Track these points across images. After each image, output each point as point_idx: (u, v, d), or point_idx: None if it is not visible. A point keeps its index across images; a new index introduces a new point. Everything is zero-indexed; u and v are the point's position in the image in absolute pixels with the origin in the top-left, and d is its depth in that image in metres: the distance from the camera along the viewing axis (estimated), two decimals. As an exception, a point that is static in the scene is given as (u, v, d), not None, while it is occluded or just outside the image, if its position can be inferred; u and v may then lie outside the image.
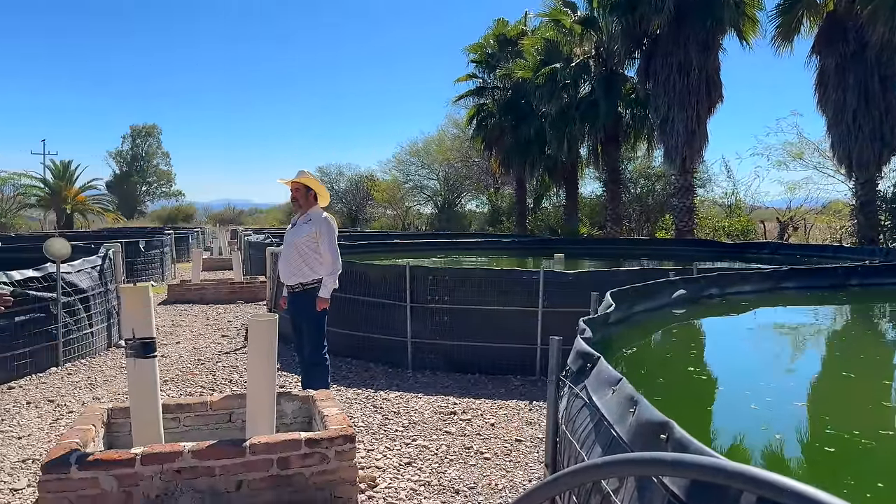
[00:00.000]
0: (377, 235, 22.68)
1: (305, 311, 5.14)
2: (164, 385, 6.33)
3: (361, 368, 6.95)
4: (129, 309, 3.71)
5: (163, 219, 56.67)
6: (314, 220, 5.15)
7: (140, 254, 15.71)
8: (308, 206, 5.23)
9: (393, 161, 43.63)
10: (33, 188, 43.33)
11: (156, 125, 71.83)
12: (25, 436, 4.82)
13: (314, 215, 5.19)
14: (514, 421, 5.24)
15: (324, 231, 5.10)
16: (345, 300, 7.31)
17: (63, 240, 7.07)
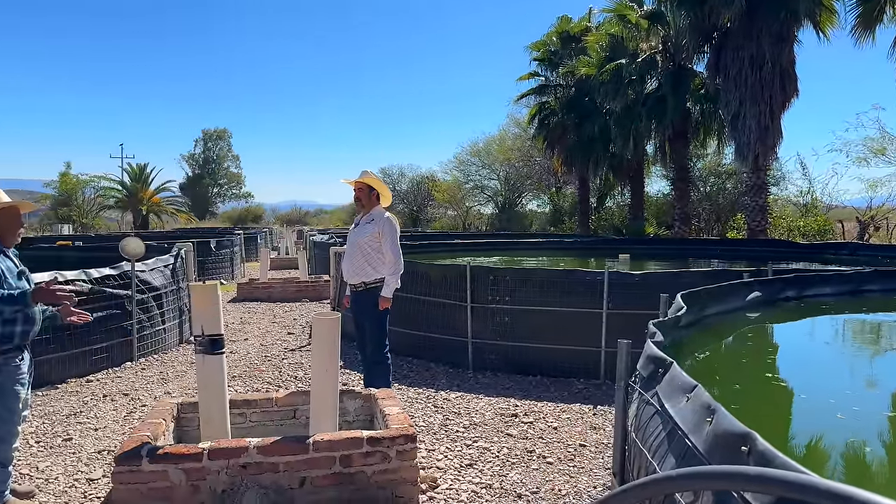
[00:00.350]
0: (438, 235, 22.75)
1: (368, 310, 5.17)
2: (233, 381, 6.50)
3: (422, 368, 6.95)
4: (198, 306, 3.80)
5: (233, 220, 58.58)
6: (377, 220, 5.17)
7: (211, 253, 16.23)
8: (371, 206, 5.25)
9: (454, 161, 43.75)
10: (111, 190, 45.53)
11: (226, 129, 74.26)
12: (101, 427, 5.02)
13: (377, 215, 5.21)
14: (577, 425, 5.12)
15: (386, 231, 5.12)
16: (406, 300, 7.33)
17: (137, 239, 7.36)
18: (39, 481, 3.97)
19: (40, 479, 3.99)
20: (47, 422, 5.12)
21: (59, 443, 4.64)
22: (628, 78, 20.30)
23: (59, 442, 4.66)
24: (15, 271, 3.60)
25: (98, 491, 3.82)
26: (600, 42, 21.96)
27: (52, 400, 5.75)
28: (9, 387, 3.48)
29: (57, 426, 5.02)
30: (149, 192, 46.82)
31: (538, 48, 26.38)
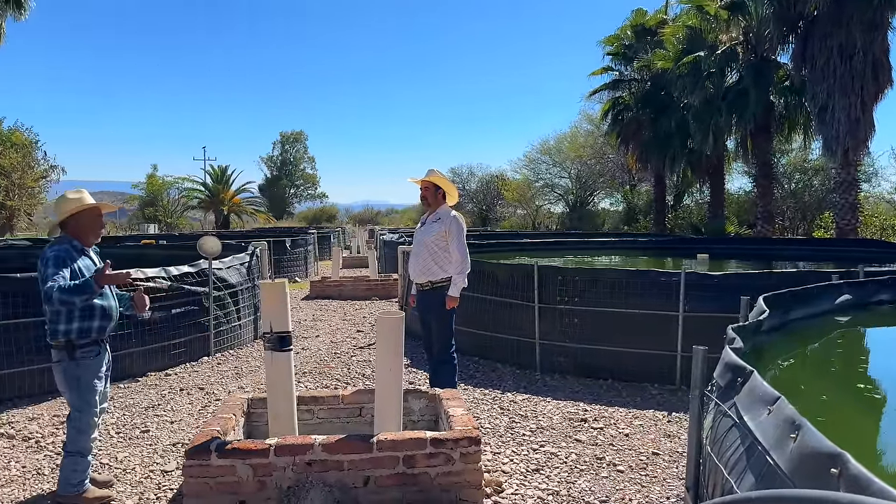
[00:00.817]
0: (507, 234, 22.58)
1: (434, 309, 5.14)
2: (303, 377, 6.61)
3: (489, 368, 6.87)
4: (267, 303, 3.86)
5: (308, 219, 60.14)
6: (443, 219, 5.13)
7: (286, 252, 16.66)
8: (437, 205, 5.22)
9: (524, 160, 43.36)
10: (194, 191, 47.54)
11: (302, 131, 76.28)
12: (177, 420, 5.19)
13: (443, 213, 5.17)
14: (650, 432, 4.92)
15: (452, 229, 5.07)
16: (472, 299, 7.26)
17: (214, 238, 7.60)
18: (117, 471, 4.13)
19: (118, 470, 4.15)
20: (127, 413, 5.34)
21: (137, 434, 4.83)
22: (707, 71, 19.53)
23: (138, 433, 4.84)
24: (93, 269, 3.73)
25: (171, 483, 3.94)
26: (677, 34, 21.23)
27: (133, 392, 6.00)
28: (87, 380, 3.63)
29: (136, 418, 5.22)
30: (230, 193, 48.61)
31: (611, 42, 25.78)
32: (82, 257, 3.71)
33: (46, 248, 3.64)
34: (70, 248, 3.65)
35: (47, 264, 3.51)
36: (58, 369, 3.62)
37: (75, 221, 3.72)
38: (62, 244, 3.65)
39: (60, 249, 3.60)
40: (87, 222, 3.77)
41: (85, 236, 3.76)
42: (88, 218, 3.77)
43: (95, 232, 3.83)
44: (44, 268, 3.51)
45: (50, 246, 3.65)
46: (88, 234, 3.79)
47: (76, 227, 3.73)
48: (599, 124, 29.49)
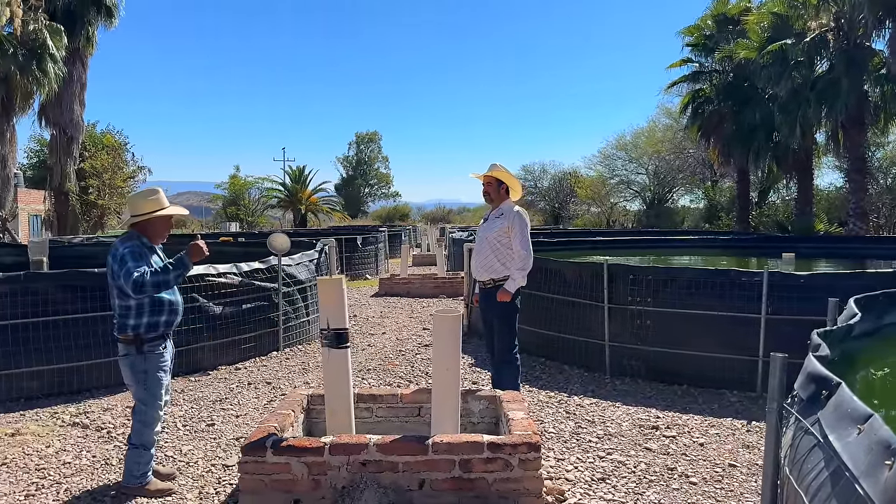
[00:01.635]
0: (578, 232, 22.11)
1: (496, 308, 4.99)
2: (367, 374, 6.60)
3: (555, 370, 6.65)
4: (325, 300, 3.81)
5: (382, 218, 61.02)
6: (506, 214, 4.97)
7: (357, 250, 16.87)
8: (500, 200, 5.06)
9: (598, 156, 42.48)
10: (273, 191, 49.06)
11: (377, 132, 77.62)
12: (242, 414, 5.25)
13: (506, 209, 5.01)
14: (727, 442, 4.60)
15: (515, 224, 4.90)
16: (538, 298, 7.07)
17: (284, 235, 7.71)
18: (181, 464, 4.19)
19: (182, 462, 4.22)
20: (195, 406, 5.45)
21: (203, 427, 4.91)
22: (794, 60, 18.48)
23: (203, 427, 4.93)
24: (161, 264, 3.80)
25: (232, 477, 3.96)
26: (762, 22, 20.19)
27: (203, 386, 6.14)
28: (154, 373, 3.69)
29: (203, 411, 5.32)
30: (307, 193, 49.89)
31: (691, 33, 24.80)
32: (152, 253, 3.78)
33: (118, 244, 3.72)
34: (140, 245, 3.72)
35: (124, 259, 3.58)
36: (125, 363, 3.70)
37: (148, 222, 3.80)
38: (132, 240, 3.72)
39: (133, 245, 3.67)
40: (160, 224, 3.85)
41: (154, 236, 3.84)
42: (162, 222, 3.85)
43: (164, 234, 3.91)
44: (119, 263, 3.58)
45: (121, 241, 3.73)
46: (159, 234, 3.87)
47: (148, 227, 3.80)
48: (679, 118, 28.51)
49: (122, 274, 3.54)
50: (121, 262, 3.59)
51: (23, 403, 5.49)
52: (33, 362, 5.62)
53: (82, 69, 22.91)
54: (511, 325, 4.98)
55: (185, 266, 3.66)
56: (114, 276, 3.64)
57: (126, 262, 3.56)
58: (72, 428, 4.90)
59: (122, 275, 3.53)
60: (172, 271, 3.60)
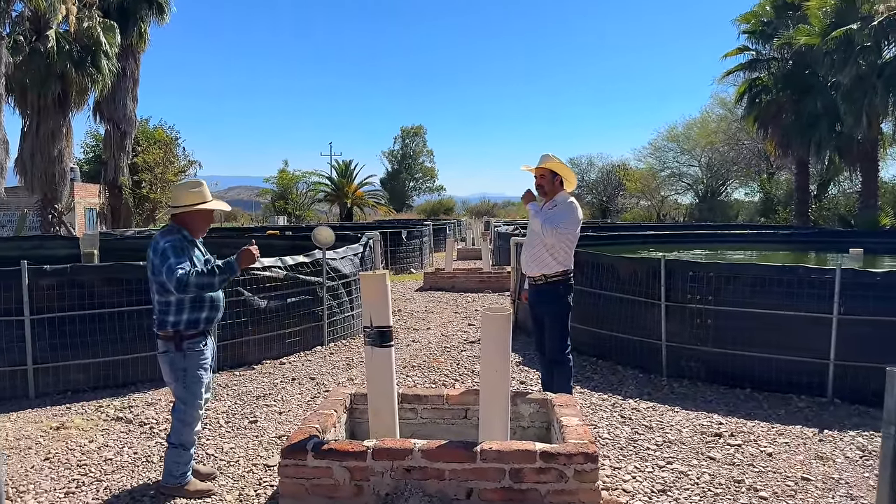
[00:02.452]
0: (628, 226, 21.54)
1: (547, 306, 4.73)
2: (412, 371, 6.42)
3: (608, 370, 6.35)
4: (367, 296, 3.63)
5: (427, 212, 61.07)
6: (560, 206, 4.71)
7: (402, 243, 16.77)
8: (554, 192, 4.80)
9: (648, 148, 41.51)
10: (320, 185, 49.54)
11: (422, 126, 77.66)
12: (285, 411, 5.14)
13: (560, 200, 4.75)
14: (798, 452, 4.25)
15: (566, 210, 4.66)
16: (590, 295, 6.78)
17: (328, 228, 7.59)
18: (222, 463, 4.08)
19: (223, 462, 4.11)
20: (238, 402, 5.36)
21: (246, 424, 4.81)
22: (860, 45, 17.55)
23: (246, 424, 4.82)
24: (202, 259, 3.68)
25: (273, 478, 3.83)
26: (824, 7, 19.26)
27: (247, 381, 6.06)
28: (193, 371, 3.57)
29: (246, 407, 5.23)
30: (353, 187, 50.22)
31: (748, 20, 23.84)
32: (194, 247, 3.66)
33: (158, 237, 3.61)
34: (182, 238, 3.61)
35: (165, 253, 3.46)
36: (164, 360, 3.59)
37: (189, 215, 3.67)
38: (173, 234, 3.61)
39: (174, 239, 3.55)
40: (202, 217, 3.73)
41: (196, 230, 3.72)
42: (203, 215, 3.73)
43: (205, 228, 3.78)
44: (160, 258, 3.47)
45: (162, 235, 3.62)
46: (201, 228, 3.74)
47: (189, 219, 3.68)
48: (734, 108, 27.54)
49: (164, 269, 3.42)
50: (162, 256, 3.47)
51: (69, 396, 5.50)
52: (80, 355, 5.62)
53: (135, 65, 23.41)
54: (563, 323, 4.72)
55: (232, 271, 3.53)
56: (154, 272, 3.53)
57: (168, 258, 3.44)
58: (115, 423, 4.86)
59: (164, 270, 3.42)
60: (219, 275, 3.48)
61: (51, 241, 14.02)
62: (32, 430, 4.68)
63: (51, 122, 19.15)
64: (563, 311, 4.71)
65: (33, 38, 18.57)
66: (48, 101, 18.82)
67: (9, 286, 5.41)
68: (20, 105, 19.21)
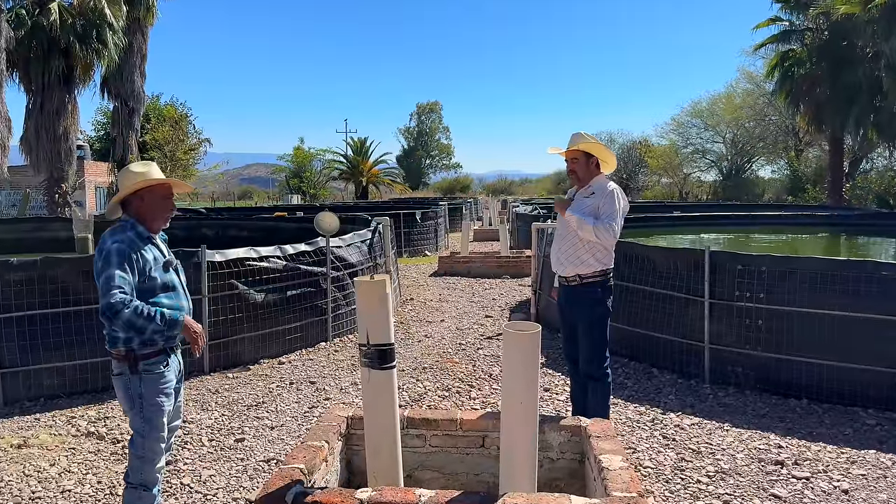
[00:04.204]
0: (654, 206, 20.66)
1: (582, 311, 4.04)
2: (423, 373, 5.80)
3: (642, 374, 5.68)
4: (364, 308, 2.97)
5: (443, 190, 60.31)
6: (598, 192, 3.98)
7: (416, 224, 16.10)
8: (590, 177, 4.06)
9: (671, 124, 40.31)
10: (335, 163, 48.97)
11: (438, 101, 76.73)
12: (278, 425, 4.53)
13: (598, 186, 4.01)
14: (880, 489, 3.57)
15: (607, 197, 3.94)
16: (622, 289, 6.09)
17: (332, 214, 6.95)
18: (197, 497, 3.48)
19: (198, 495, 3.51)
20: (227, 413, 4.77)
21: (231, 443, 4.21)
22: (906, 12, 16.40)
23: (231, 442, 4.22)
24: (161, 261, 3.02)
25: (253, 519, 3.21)
26: (866, -28, 18.03)
27: (241, 384, 5.47)
28: (152, 398, 2.94)
29: (235, 420, 4.63)
30: (368, 165, 49.60)
31: (781, -12, 22.60)
32: (148, 246, 2.99)
33: (106, 235, 2.93)
34: (134, 238, 2.93)
35: (109, 259, 2.81)
36: (118, 384, 2.97)
37: (140, 201, 2.98)
38: (124, 231, 2.93)
39: (123, 239, 2.88)
40: (155, 203, 3.00)
41: (151, 220, 3.01)
42: (156, 198, 3.00)
43: (163, 215, 3.06)
44: (103, 262, 2.82)
45: (111, 233, 2.92)
46: (156, 217, 3.02)
47: (141, 208, 2.98)
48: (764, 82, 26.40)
49: (100, 281, 2.79)
50: (105, 262, 2.82)
51: (42, 404, 4.95)
52: (53, 358, 5.05)
53: (143, 40, 22.75)
54: (601, 332, 4.04)
55: (171, 329, 2.89)
56: (97, 276, 2.89)
57: (109, 266, 2.79)
58: (85, 439, 4.29)
59: (100, 282, 2.79)
60: (158, 324, 2.83)
61: (52, 222, 13.55)
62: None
63: (55, 98, 18.60)
64: (602, 317, 4.03)
65: (36, 11, 17.96)
66: (52, 77, 18.25)
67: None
68: (24, 81, 18.68)
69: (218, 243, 13.35)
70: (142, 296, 2.88)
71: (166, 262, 3.05)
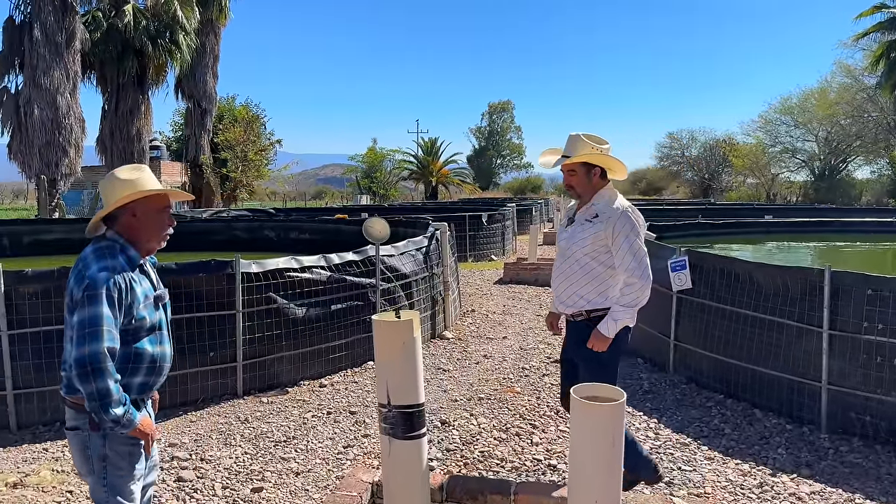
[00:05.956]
0: (741, 209, 19.14)
1: (587, 352, 3.12)
2: (478, 404, 5.06)
3: (741, 417, 4.73)
4: (384, 356, 2.27)
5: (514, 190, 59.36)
6: (604, 216, 3.07)
7: (482, 227, 15.35)
8: (592, 191, 3.16)
9: (758, 121, 37.90)
10: (405, 163, 48.79)
11: (510, 101, 75.73)
12: (304, 471, 3.88)
13: (603, 207, 3.10)
14: None
15: (621, 230, 3.03)
16: (715, 310, 5.18)
17: (382, 220, 6.29)
18: (187, 575, 2.86)
19: (190, 572, 2.88)
20: (251, 451, 4.16)
21: (247, 495, 3.58)
22: None
23: (247, 493, 3.60)
24: (152, 296, 2.39)
25: None
26: None
27: (273, 412, 4.88)
28: (118, 461, 2.33)
29: (257, 461, 4.02)
30: (438, 165, 49.27)
31: (888, -30, 20.57)
32: (142, 279, 2.35)
33: (88, 256, 2.29)
34: (125, 265, 2.29)
35: (94, 291, 2.18)
36: (73, 442, 2.36)
37: (131, 217, 2.34)
38: (114, 256, 2.28)
39: (113, 267, 2.24)
40: (149, 219, 2.36)
41: (146, 240, 2.38)
42: (151, 212, 2.36)
43: (160, 234, 2.41)
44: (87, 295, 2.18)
45: (94, 254, 2.28)
46: (151, 236, 2.38)
47: (132, 225, 2.35)
48: (864, 75, 24.20)
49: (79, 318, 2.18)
50: (89, 295, 2.18)
51: (56, 430, 4.49)
52: (70, 378, 4.59)
53: (215, 41, 22.97)
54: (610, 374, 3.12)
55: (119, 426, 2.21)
56: (70, 309, 2.28)
57: (96, 303, 2.17)
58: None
59: (78, 319, 2.18)
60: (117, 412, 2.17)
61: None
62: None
63: (129, 99, 18.93)
64: (609, 362, 3.12)
65: (112, 13, 18.27)
66: (126, 78, 18.56)
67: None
68: (101, 83, 19.08)
69: (279, 246, 13.09)
70: (123, 339, 2.26)
71: (156, 297, 2.41)
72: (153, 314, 2.37)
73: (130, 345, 2.29)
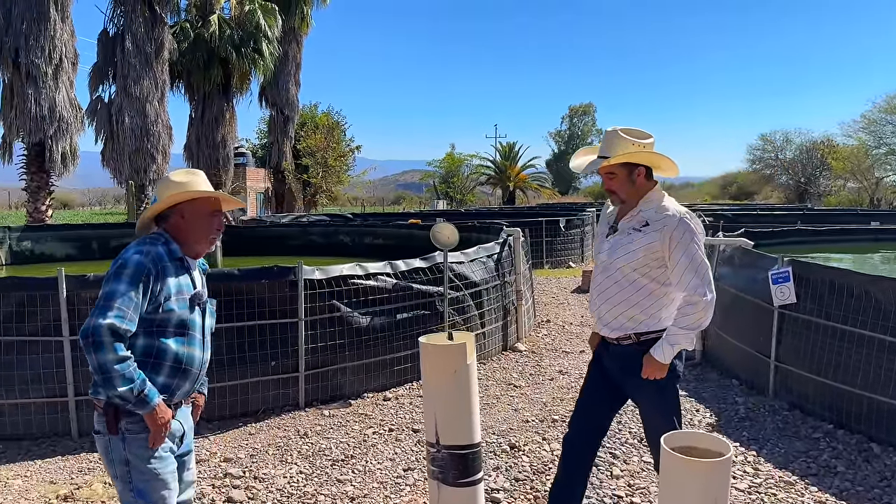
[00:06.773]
0: (843, 214, 17.74)
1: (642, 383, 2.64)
2: (551, 427, 4.67)
3: (856, 453, 4.11)
4: (433, 386, 1.95)
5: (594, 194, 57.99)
6: (656, 223, 2.58)
7: (560, 233, 14.84)
8: (637, 195, 2.66)
9: (860, 121, 35.30)
10: (483, 168, 48.55)
11: (592, 103, 74.41)
12: (360, 496, 3.60)
13: (652, 212, 2.61)
14: None
15: (679, 241, 2.52)
16: (822, 329, 4.57)
17: (451, 225, 5.97)
18: None
19: None
20: (306, 470, 3.93)
21: (295, 520, 3.34)
22: None
23: (295, 519, 3.35)
24: (190, 292, 2.26)
25: None
26: None
27: (334, 426, 4.64)
28: (141, 465, 2.18)
29: (311, 482, 3.77)
30: (516, 170, 48.80)
31: None
32: (178, 270, 2.25)
33: (131, 244, 2.26)
34: (163, 255, 2.22)
35: (122, 269, 2.13)
36: (98, 444, 2.27)
37: (180, 218, 2.30)
38: (154, 244, 2.23)
39: (148, 252, 2.18)
40: (197, 221, 2.31)
41: (194, 241, 2.33)
42: (200, 215, 2.31)
43: (206, 237, 2.35)
44: (114, 272, 2.14)
45: (137, 241, 2.26)
46: (199, 238, 2.33)
47: (180, 226, 2.30)
48: None
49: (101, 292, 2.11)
50: (116, 271, 2.14)
51: (116, 437, 4.41)
52: (130, 386, 4.51)
53: (297, 49, 23.45)
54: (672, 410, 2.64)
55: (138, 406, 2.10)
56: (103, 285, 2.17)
57: (118, 280, 2.11)
58: (139, 493, 3.62)
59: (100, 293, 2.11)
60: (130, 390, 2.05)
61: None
62: (36, 497, 3.57)
63: (214, 107, 19.52)
64: (670, 394, 2.65)
65: (199, 23, 18.91)
66: (211, 86, 19.15)
67: (45, 299, 4.40)
68: (188, 92, 19.77)
69: (354, 251, 13.07)
70: (147, 330, 2.15)
71: (194, 295, 2.28)
72: (185, 311, 2.26)
73: (155, 338, 2.18)
